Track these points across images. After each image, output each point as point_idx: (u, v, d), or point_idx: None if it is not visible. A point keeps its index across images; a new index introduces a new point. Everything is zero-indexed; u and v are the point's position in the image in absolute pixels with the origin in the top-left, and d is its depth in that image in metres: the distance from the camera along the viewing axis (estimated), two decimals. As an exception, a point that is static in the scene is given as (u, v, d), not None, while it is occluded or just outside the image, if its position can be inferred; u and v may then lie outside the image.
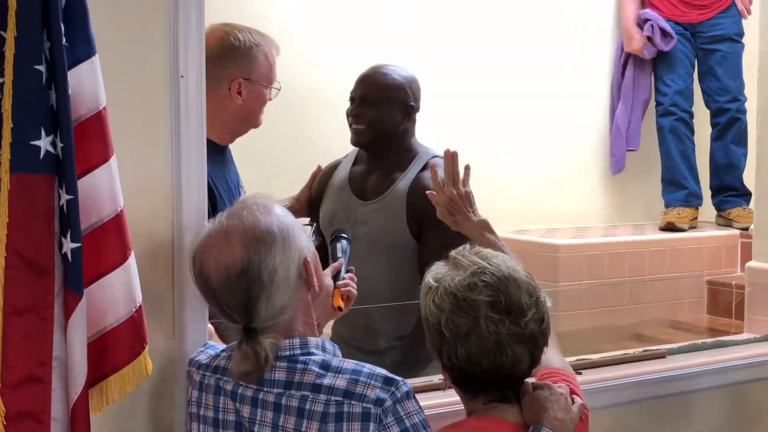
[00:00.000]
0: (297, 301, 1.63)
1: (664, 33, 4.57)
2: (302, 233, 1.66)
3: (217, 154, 2.38)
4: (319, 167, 2.83)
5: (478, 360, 1.56)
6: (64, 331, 1.54)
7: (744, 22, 4.52)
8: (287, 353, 1.61)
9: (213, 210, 2.25)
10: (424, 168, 2.60)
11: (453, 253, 1.70)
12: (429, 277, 1.66)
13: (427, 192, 2.24)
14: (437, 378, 2.19)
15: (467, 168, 2.19)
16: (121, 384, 1.63)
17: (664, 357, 2.77)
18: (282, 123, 3.47)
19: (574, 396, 1.68)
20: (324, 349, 1.64)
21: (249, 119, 2.39)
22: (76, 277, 1.53)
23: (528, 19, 4.58)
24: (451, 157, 2.18)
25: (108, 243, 1.59)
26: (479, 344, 1.56)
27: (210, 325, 1.96)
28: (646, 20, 4.58)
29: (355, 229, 2.59)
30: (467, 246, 1.72)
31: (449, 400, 1.87)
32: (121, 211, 1.61)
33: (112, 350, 1.61)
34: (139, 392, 1.73)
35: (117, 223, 1.60)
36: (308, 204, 2.81)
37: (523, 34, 4.57)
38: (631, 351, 2.80)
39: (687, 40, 4.63)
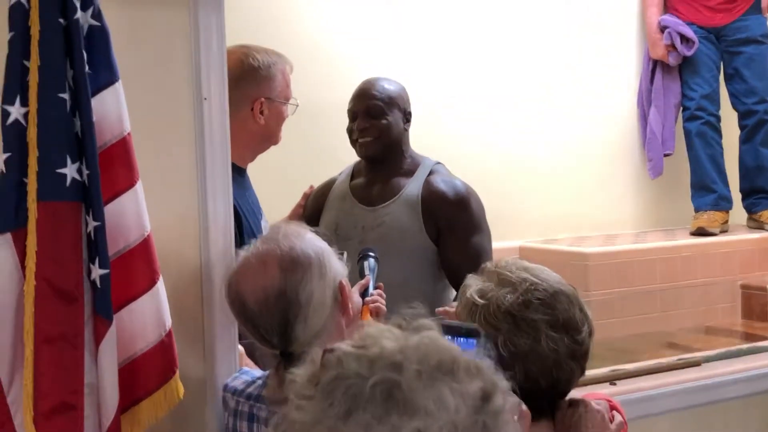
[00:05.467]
0: (332, 325, 1.63)
1: (686, 38, 4.53)
2: (336, 258, 1.66)
3: (239, 176, 2.39)
4: (311, 187, 2.87)
5: (535, 378, 1.52)
6: (95, 358, 1.55)
7: (770, 23, 4.47)
8: None
9: (239, 232, 2.27)
10: (431, 173, 2.67)
11: (492, 266, 1.65)
12: (472, 293, 1.59)
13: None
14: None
15: None
16: (153, 409, 1.62)
17: (699, 365, 2.75)
18: (300, 138, 3.47)
19: (614, 412, 1.65)
20: None
21: (271, 137, 2.45)
22: (105, 304, 1.54)
23: (553, 24, 4.55)
24: None
25: (136, 268, 1.59)
26: (539, 363, 1.52)
27: (240, 347, 1.96)
28: (665, 27, 4.55)
29: (365, 234, 2.63)
30: (507, 259, 1.68)
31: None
32: (148, 236, 1.61)
33: (143, 375, 1.61)
34: (172, 416, 1.72)
35: (144, 248, 1.60)
36: (302, 222, 2.83)
37: (548, 41, 4.54)
38: (665, 360, 2.78)
39: (711, 43, 4.58)
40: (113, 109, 1.58)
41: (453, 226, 2.62)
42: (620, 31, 4.76)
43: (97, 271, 1.53)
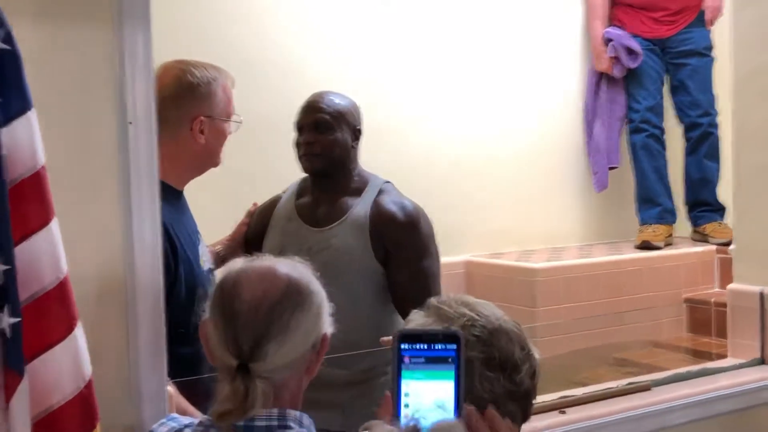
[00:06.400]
0: (298, 369, 1.53)
1: (631, 50, 4.50)
2: (329, 314, 1.60)
3: (175, 199, 2.27)
4: (255, 205, 2.76)
5: None
6: (6, 415, 1.41)
7: (715, 36, 4.46)
8: (264, 423, 1.49)
9: (174, 260, 2.14)
10: (379, 193, 2.57)
11: (435, 301, 1.59)
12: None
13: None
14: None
15: None
16: (72, 467, 1.49)
17: (648, 389, 2.69)
18: (242, 153, 3.34)
19: None
20: (301, 424, 1.52)
21: (211, 157, 2.32)
22: (16, 355, 1.40)
23: (498, 37, 4.49)
24: None
25: (51, 314, 1.45)
26: (474, 404, 1.44)
27: (170, 388, 1.84)
28: (609, 40, 4.51)
29: (311, 257, 2.48)
30: (450, 294, 1.61)
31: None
32: (65, 278, 1.47)
33: (60, 431, 1.47)
34: (94, 469, 1.59)
35: (61, 292, 1.46)
36: (244, 243, 2.72)
37: (492, 54, 4.48)
38: (615, 384, 2.71)
39: (656, 55, 4.56)
40: (25, 140, 1.44)
41: (401, 248, 2.52)
42: (565, 44, 4.72)
43: (6, 320, 1.39)
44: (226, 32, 3.78)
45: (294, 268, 1.58)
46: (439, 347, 1.24)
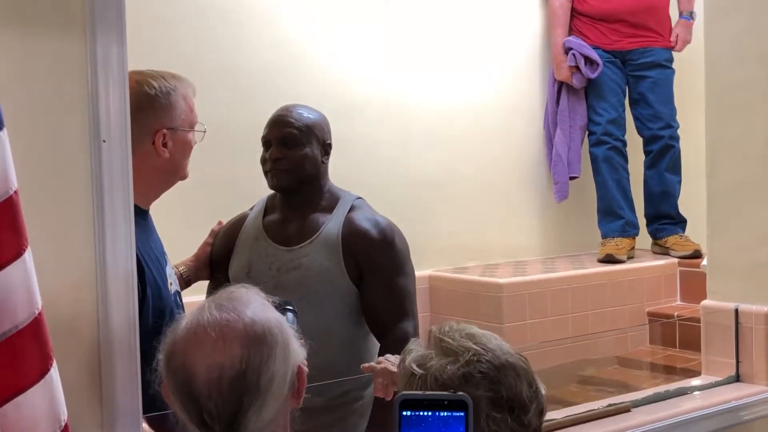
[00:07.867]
0: (283, 414, 1.42)
1: (590, 60, 4.47)
2: (294, 335, 1.44)
3: (141, 219, 2.15)
4: (219, 223, 2.66)
5: None
6: (-25, 465, 1.28)
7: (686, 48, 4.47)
8: None
9: (141, 284, 2.03)
10: (351, 210, 2.49)
11: (437, 332, 1.50)
12: (411, 361, 1.46)
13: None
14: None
15: None
16: None
17: (629, 411, 2.64)
18: (206, 168, 3.22)
19: None
20: None
21: (177, 171, 2.20)
22: (-14, 400, 1.27)
23: (457, 44, 4.44)
24: None
25: (25, 353, 1.33)
26: None
27: (144, 425, 1.72)
28: (569, 49, 4.49)
29: (280, 277, 2.44)
30: (452, 324, 1.53)
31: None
32: (39, 313, 1.34)
33: (34, 481, 1.34)
34: None
35: (35, 328, 1.33)
36: (210, 264, 2.61)
37: (451, 62, 4.42)
38: (595, 405, 2.66)
39: (617, 67, 4.54)
40: (-4, 163, 1.32)
41: (376, 267, 2.44)
42: (525, 56, 4.68)
43: (-25, 362, 1.26)
44: (185, 40, 3.66)
45: (242, 311, 1.39)
46: (445, 414, 1.13)
